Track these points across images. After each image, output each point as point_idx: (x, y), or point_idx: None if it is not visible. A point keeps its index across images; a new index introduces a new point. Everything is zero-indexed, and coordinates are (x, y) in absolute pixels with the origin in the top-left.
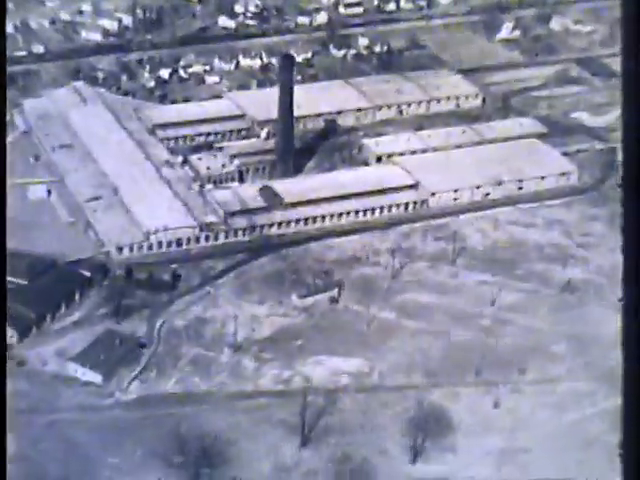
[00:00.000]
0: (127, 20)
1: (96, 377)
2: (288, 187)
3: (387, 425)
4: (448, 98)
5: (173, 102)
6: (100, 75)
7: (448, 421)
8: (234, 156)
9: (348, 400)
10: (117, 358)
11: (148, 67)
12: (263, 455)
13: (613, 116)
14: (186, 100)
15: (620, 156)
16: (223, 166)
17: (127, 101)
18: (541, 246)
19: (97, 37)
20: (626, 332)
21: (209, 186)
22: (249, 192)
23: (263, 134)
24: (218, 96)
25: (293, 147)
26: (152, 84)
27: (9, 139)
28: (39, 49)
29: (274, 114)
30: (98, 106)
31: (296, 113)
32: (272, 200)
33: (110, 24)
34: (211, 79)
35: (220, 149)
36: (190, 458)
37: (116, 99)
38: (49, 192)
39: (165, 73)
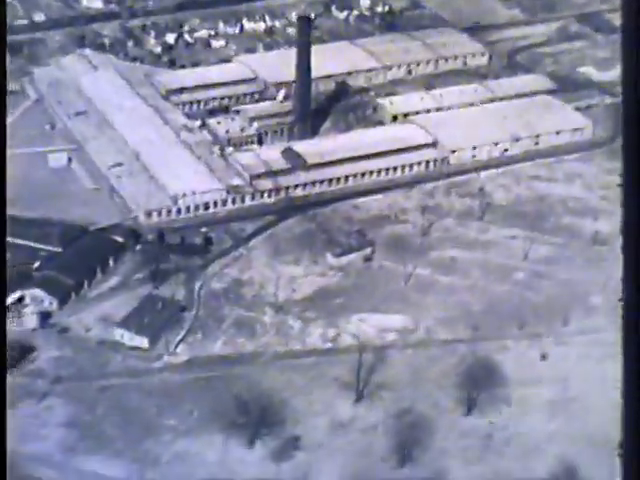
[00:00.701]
0: None
1: (142, 341)
2: (309, 148)
3: (438, 379)
4: (455, 57)
5: (182, 67)
6: (106, 42)
7: (499, 373)
8: (253, 119)
9: (397, 356)
10: (161, 322)
11: (153, 33)
12: (319, 413)
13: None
14: (195, 65)
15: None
16: (242, 129)
17: (136, 67)
18: (564, 200)
19: (98, 4)
20: (626, 332)
21: (229, 149)
22: (271, 154)
23: (280, 96)
24: (227, 60)
25: (310, 109)
26: (159, 50)
27: (21, 109)
28: (40, 17)
29: (286, 76)
30: (109, 72)
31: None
32: (295, 162)
33: None
34: (217, 43)
35: (237, 112)
36: (248, 418)
37: (126, 65)
38: (70, 160)
39: (171, 38)
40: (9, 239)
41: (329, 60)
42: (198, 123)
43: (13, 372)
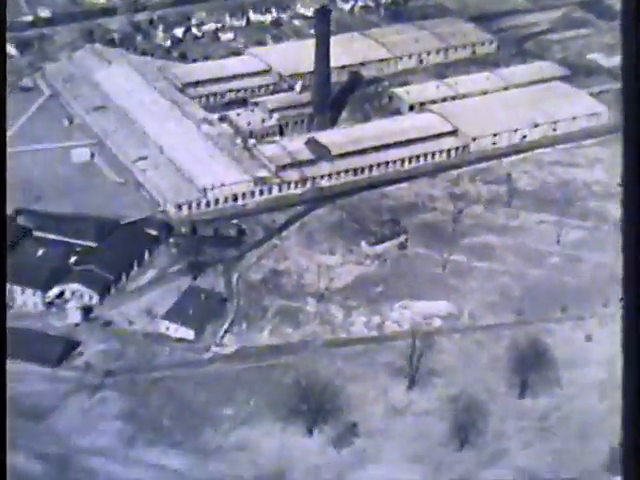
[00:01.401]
0: None
1: (188, 333)
2: (332, 138)
3: (489, 363)
4: (464, 45)
5: (194, 61)
6: (115, 36)
7: (548, 356)
8: (272, 110)
9: (445, 342)
10: (204, 313)
11: (161, 27)
12: (373, 399)
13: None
14: (206, 58)
15: None
16: (263, 121)
17: (149, 61)
18: (589, 184)
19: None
20: (626, 332)
21: (252, 141)
22: (295, 145)
23: (298, 87)
24: (237, 53)
25: (330, 99)
26: (168, 43)
27: (36, 105)
28: (46, 13)
29: (300, 68)
30: (124, 67)
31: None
32: (319, 152)
33: None
34: (225, 36)
35: (256, 104)
36: (304, 406)
37: (138, 59)
38: (92, 154)
39: (179, 32)
40: (43, 234)
41: (341, 51)
42: (217, 116)
43: (61, 367)
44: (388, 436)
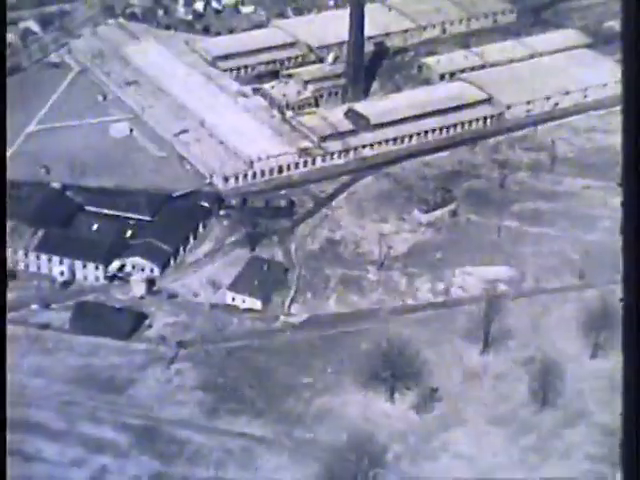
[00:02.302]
0: None
1: (255, 303)
2: (370, 109)
3: (557, 325)
4: (485, 15)
5: (217, 34)
6: (137, 11)
7: (617, 318)
8: (307, 82)
9: (512, 306)
10: (269, 283)
11: (182, 0)
12: (449, 363)
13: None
14: (230, 31)
15: None
16: (298, 93)
17: (174, 35)
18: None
19: None
20: (626, 332)
21: (289, 113)
22: (335, 116)
23: (330, 58)
24: (260, 26)
25: (364, 70)
26: (190, 17)
27: (66, 80)
28: None
29: (328, 39)
30: (151, 41)
31: (344, 37)
32: (359, 122)
33: None
34: (246, 9)
35: (289, 76)
36: (384, 372)
37: (164, 34)
38: (131, 129)
39: (200, 5)
40: (95, 209)
41: (365, 22)
42: (250, 88)
43: (131, 339)
44: (468, 399)
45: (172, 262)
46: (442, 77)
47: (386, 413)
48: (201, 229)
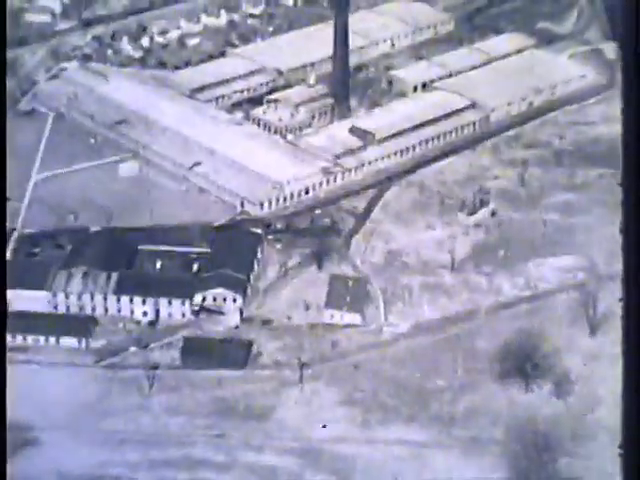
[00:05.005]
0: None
1: (355, 318)
2: (371, 124)
3: None
4: (428, 26)
5: (176, 68)
6: (87, 52)
7: None
8: (297, 105)
9: (601, 290)
10: (357, 298)
11: (125, 38)
12: (566, 349)
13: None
14: (186, 64)
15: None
16: (292, 115)
17: (139, 72)
18: (617, 138)
19: (46, 18)
20: (626, 332)
21: (290, 136)
22: (339, 134)
23: (312, 79)
24: (213, 56)
25: (349, 88)
26: (140, 54)
27: (47, 126)
28: None
29: (290, 63)
30: (122, 80)
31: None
32: (365, 137)
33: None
34: (191, 41)
35: (275, 101)
36: (512, 365)
37: (129, 71)
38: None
39: (146, 42)
40: (155, 248)
41: (318, 43)
42: (240, 116)
43: (247, 367)
44: (598, 380)
45: (248, 289)
46: (415, 89)
47: (530, 403)
48: (259, 255)
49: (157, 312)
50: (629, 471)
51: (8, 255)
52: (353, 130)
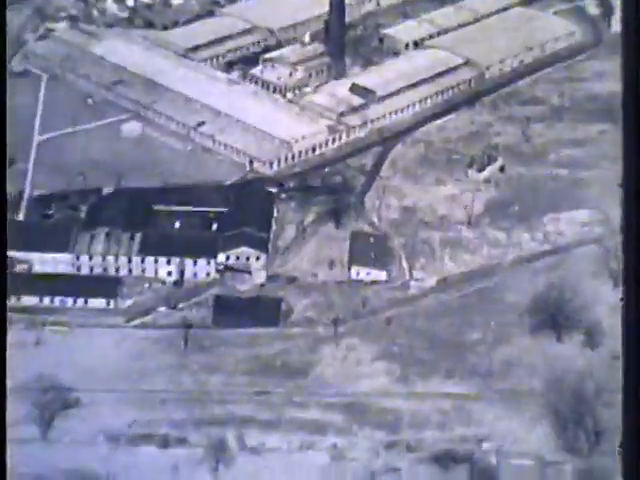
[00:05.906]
0: None
1: (380, 274)
2: (370, 82)
3: None
4: None
5: (165, 27)
6: (74, 13)
7: None
8: (295, 64)
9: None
10: (381, 254)
11: None
12: (593, 300)
13: None
14: (176, 23)
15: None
16: (291, 74)
17: (129, 32)
18: (614, 94)
19: None
20: (626, 332)
21: (289, 95)
22: (341, 92)
23: (307, 38)
24: (202, 16)
25: (345, 46)
26: (126, 14)
27: (42, 88)
28: None
29: (281, 22)
30: (114, 40)
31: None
32: (367, 96)
33: None
34: (176, 1)
35: (271, 60)
36: (544, 317)
37: (120, 32)
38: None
39: (130, 1)
40: (172, 208)
41: (309, 1)
42: (237, 74)
43: (280, 325)
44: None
45: (270, 248)
46: (407, 46)
47: (563, 353)
48: (275, 213)
49: (182, 272)
50: (629, 470)
51: (21, 216)
52: (354, 88)
